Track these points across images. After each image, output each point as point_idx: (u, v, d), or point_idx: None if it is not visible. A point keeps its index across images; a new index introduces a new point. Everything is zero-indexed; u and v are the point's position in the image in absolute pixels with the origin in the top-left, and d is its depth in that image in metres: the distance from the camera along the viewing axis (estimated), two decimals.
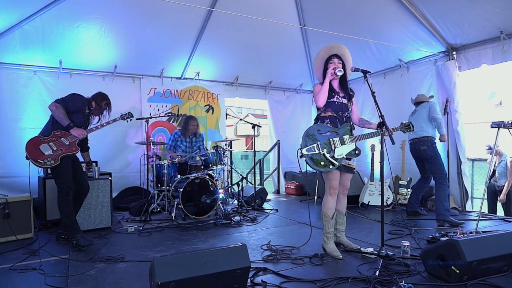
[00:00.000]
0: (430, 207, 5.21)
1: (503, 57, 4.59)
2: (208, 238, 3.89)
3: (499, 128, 3.57)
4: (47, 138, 3.47)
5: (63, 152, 3.48)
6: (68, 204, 3.52)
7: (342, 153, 3.13)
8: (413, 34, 5.23)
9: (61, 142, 3.50)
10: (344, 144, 3.14)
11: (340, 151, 3.12)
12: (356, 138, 3.19)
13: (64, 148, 3.50)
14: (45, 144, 3.44)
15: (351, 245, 3.32)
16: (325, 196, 3.26)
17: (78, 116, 3.67)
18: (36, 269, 2.86)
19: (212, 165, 5.08)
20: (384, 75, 6.22)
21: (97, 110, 3.89)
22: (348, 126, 3.21)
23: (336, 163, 3.09)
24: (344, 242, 3.37)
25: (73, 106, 3.62)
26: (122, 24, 5.16)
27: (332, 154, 3.10)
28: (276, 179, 7.64)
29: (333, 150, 3.10)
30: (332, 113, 3.21)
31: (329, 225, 3.23)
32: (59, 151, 3.46)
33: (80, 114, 3.69)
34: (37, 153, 3.39)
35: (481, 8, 4.33)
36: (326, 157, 3.08)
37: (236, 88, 7.13)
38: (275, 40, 6.22)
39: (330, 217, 3.23)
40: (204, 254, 2.23)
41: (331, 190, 3.22)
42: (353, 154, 3.18)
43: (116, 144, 5.84)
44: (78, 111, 3.66)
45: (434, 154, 4.49)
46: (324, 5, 5.58)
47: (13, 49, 4.86)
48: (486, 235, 2.66)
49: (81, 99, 3.71)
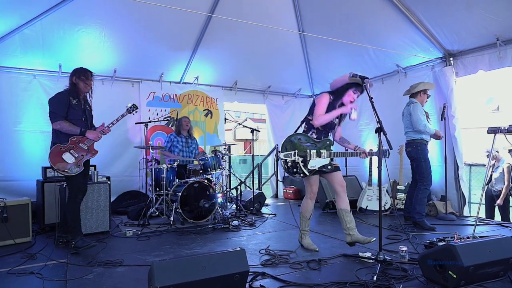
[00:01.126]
0: (428, 212, 5.23)
1: (499, 63, 4.63)
2: (206, 243, 3.89)
3: (496, 133, 3.60)
4: (66, 146, 3.46)
5: (84, 157, 3.52)
6: (76, 206, 3.58)
7: (315, 165, 3.34)
8: (410, 40, 5.27)
9: (80, 147, 3.51)
10: (319, 157, 3.33)
11: (314, 163, 3.33)
12: (333, 154, 3.40)
13: (85, 153, 3.53)
14: (66, 153, 3.44)
15: (366, 239, 3.35)
16: (305, 199, 3.56)
17: (71, 112, 3.55)
18: (34, 273, 2.85)
19: (210, 169, 5.09)
20: (382, 81, 6.26)
21: (79, 90, 3.63)
22: (328, 141, 3.43)
23: (306, 173, 3.29)
24: (360, 239, 3.37)
25: (61, 109, 3.50)
26: (122, 28, 5.20)
27: (304, 164, 3.29)
28: (274, 184, 7.66)
29: (307, 161, 3.30)
30: (320, 127, 3.42)
31: (305, 224, 3.59)
32: (80, 157, 3.49)
33: (71, 109, 3.55)
34: (62, 163, 3.40)
35: (478, 15, 4.38)
36: (299, 165, 3.28)
37: (235, 92, 7.16)
38: (274, 45, 6.26)
39: (307, 218, 3.56)
40: (202, 258, 2.24)
41: (311, 195, 3.50)
42: (326, 169, 3.39)
43: (115, 148, 5.85)
44: (68, 109, 3.54)
45: (417, 157, 4.49)
46: (323, 11, 5.63)
47: (13, 53, 4.88)
48: (483, 240, 2.68)
49: (60, 96, 3.55)
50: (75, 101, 3.60)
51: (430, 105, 5.39)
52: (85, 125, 3.62)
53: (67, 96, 3.56)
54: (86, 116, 3.70)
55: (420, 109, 4.50)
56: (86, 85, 3.66)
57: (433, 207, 5.22)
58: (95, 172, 4.37)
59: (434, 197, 5.44)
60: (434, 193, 5.46)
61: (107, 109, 4.73)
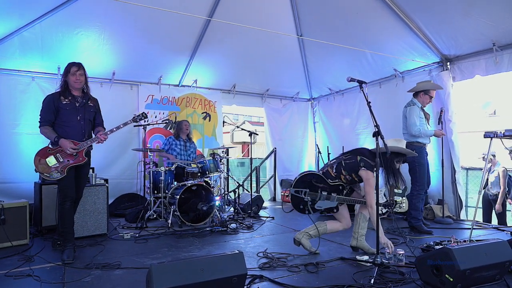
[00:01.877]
0: (425, 215, 5.26)
1: (496, 68, 4.67)
2: (204, 245, 3.89)
3: (492, 138, 3.63)
4: (54, 149, 3.33)
5: (70, 163, 3.34)
6: (64, 211, 3.39)
7: (322, 206, 3.45)
8: (408, 45, 5.32)
9: (66, 152, 3.34)
10: (328, 200, 3.44)
11: (321, 205, 3.44)
12: (342, 199, 3.49)
13: (71, 159, 3.36)
14: (51, 156, 3.30)
15: (370, 249, 3.46)
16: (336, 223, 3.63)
17: (63, 114, 3.39)
18: (32, 276, 2.85)
19: (208, 172, 5.10)
20: (380, 85, 6.29)
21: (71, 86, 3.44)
22: (341, 186, 3.51)
23: (311, 212, 3.42)
24: (365, 247, 3.50)
25: (46, 113, 3.37)
26: (121, 32, 5.21)
27: (311, 204, 3.42)
28: (272, 187, 7.67)
29: (316, 202, 3.41)
30: None
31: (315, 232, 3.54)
32: (65, 163, 3.32)
33: (62, 110, 3.38)
34: (43, 166, 3.26)
35: (474, 21, 4.42)
36: (307, 204, 3.41)
37: (233, 95, 7.18)
38: (273, 48, 6.29)
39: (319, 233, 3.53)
40: (201, 261, 2.25)
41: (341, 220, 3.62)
42: (331, 210, 3.51)
43: (113, 150, 5.84)
44: (57, 110, 3.38)
45: (411, 160, 4.41)
46: (321, 15, 5.67)
47: (12, 55, 4.89)
48: (479, 244, 2.69)
49: (46, 100, 3.41)
50: (67, 101, 3.40)
51: (428, 110, 5.42)
52: (80, 126, 3.43)
53: (57, 97, 3.40)
54: (85, 115, 3.49)
55: (416, 112, 4.46)
56: (75, 79, 3.41)
57: (430, 211, 5.25)
58: (93, 175, 4.37)
59: (431, 200, 5.47)
60: (431, 197, 5.48)
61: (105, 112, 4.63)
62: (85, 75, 3.50)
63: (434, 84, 4.80)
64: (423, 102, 4.58)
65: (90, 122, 3.58)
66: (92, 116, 3.62)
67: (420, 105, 4.57)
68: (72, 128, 3.42)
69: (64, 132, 3.39)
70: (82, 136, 3.46)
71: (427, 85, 4.66)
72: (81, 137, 3.45)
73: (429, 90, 4.58)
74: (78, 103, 3.47)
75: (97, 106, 3.69)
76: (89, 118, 3.56)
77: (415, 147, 4.43)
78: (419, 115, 4.48)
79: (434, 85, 4.79)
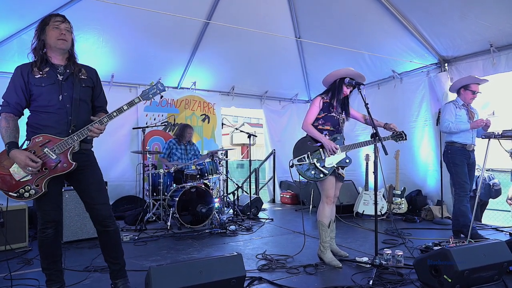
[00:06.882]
0: (424, 216, 5.27)
1: (493, 69, 4.69)
2: (203, 247, 3.89)
3: (490, 139, 3.64)
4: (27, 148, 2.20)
5: (48, 173, 2.18)
6: (47, 242, 2.32)
7: (333, 162, 3.21)
8: (406, 47, 5.34)
9: (44, 155, 2.17)
10: (334, 153, 3.21)
11: (331, 161, 3.21)
12: (347, 147, 3.29)
13: (52, 164, 2.17)
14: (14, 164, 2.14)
15: (340, 252, 3.38)
16: (321, 205, 3.30)
17: (37, 92, 2.24)
18: (31, 279, 2.85)
19: (207, 174, 5.10)
20: (378, 86, 6.31)
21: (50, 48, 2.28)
22: (338, 136, 3.30)
23: (326, 172, 3.17)
24: (334, 249, 3.40)
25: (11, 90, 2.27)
26: (119, 34, 5.22)
27: (322, 164, 3.19)
28: (271, 188, 7.67)
29: (323, 160, 3.20)
30: (331, 127, 3.31)
31: (325, 234, 3.24)
32: (42, 172, 2.17)
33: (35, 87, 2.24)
34: (6, 181, 2.15)
35: (472, 22, 4.45)
36: (316, 166, 3.17)
37: (232, 97, 7.19)
38: (271, 50, 6.31)
39: (327, 226, 3.25)
40: (199, 263, 2.25)
41: (328, 199, 3.26)
42: (344, 163, 3.27)
43: (112, 153, 5.84)
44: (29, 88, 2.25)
45: (447, 162, 4.20)
46: (320, 17, 5.69)
47: (11, 58, 4.88)
48: (478, 244, 2.70)
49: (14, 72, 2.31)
50: (41, 74, 2.24)
51: (426, 111, 5.45)
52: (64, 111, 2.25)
53: (28, 69, 2.25)
54: (73, 94, 2.29)
55: (450, 109, 4.12)
56: (59, 33, 2.23)
57: (429, 212, 5.26)
58: None
59: (430, 201, 5.48)
60: (430, 198, 5.50)
61: None
62: (72, 34, 2.34)
63: (471, 77, 4.20)
64: (465, 98, 4.17)
65: (83, 104, 2.37)
66: (87, 94, 2.42)
67: (462, 102, 4.18)
68: (51, 114, 2.25)
69: (39, 121, 2.25)
70: (66, 126, 2.26)
71: (463, 80, 4.22)
72: (65, 127, 2.26)
73: (469, 85, 4.13)
74: (61, 75, 2.29)
75: (94, 78, 2.50)
76: (81, 98, 2.34)
77: (449, 147, 4.15)
78: (453, 112, 4.11)
79: (472, 78, 4.20)
